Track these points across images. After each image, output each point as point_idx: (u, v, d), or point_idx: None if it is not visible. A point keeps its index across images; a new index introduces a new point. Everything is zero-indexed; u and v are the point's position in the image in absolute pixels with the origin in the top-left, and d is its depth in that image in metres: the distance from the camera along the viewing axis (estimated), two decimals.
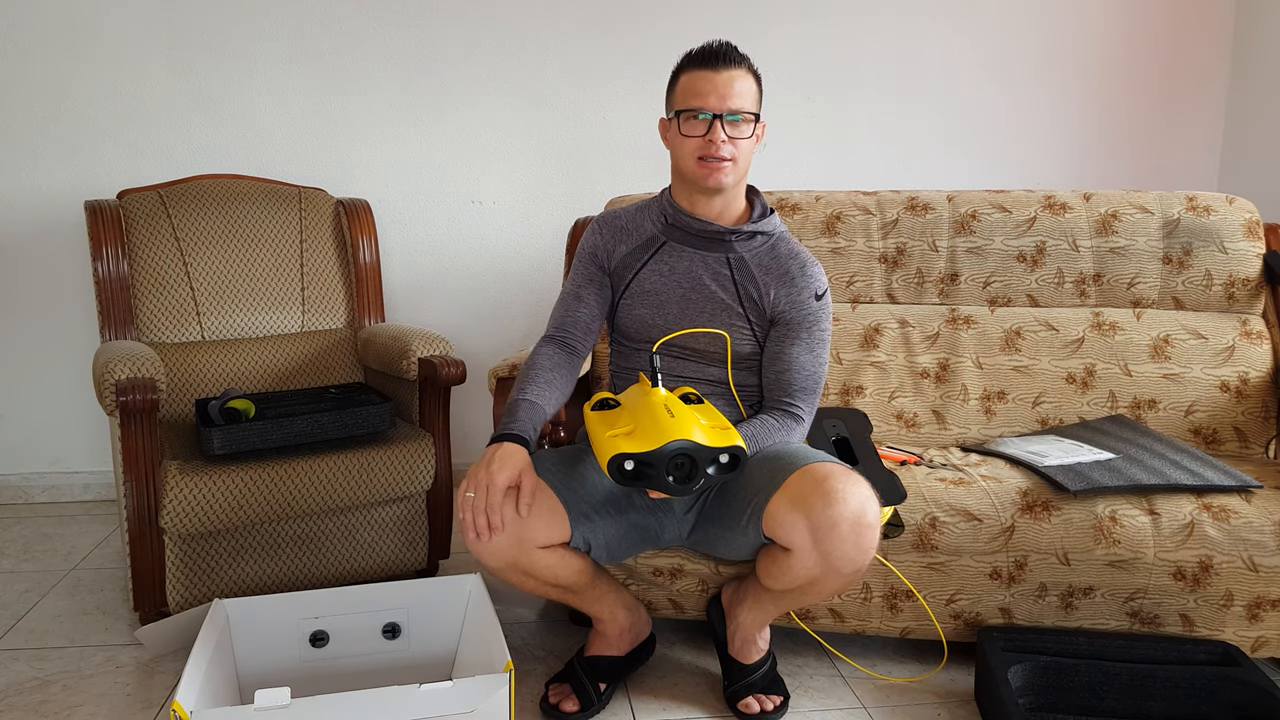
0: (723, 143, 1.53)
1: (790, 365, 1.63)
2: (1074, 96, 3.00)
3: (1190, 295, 2.14)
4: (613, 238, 1.69)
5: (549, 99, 2.81)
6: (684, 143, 1.57)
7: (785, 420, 1.62)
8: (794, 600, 1.56)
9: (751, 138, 1.58)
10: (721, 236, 1.63)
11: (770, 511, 1.47)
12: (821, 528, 1.40)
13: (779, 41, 2.86)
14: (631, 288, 1.67)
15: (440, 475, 2.12)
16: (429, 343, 2.13)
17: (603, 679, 1.69)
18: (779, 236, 1.67)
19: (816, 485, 1.42)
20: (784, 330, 1.63)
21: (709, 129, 1.54)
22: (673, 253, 1.66)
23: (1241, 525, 1.66)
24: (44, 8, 2.58)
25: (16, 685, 1.74)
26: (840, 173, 2.96)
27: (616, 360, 1.76)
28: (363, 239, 2.49)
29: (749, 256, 1.64)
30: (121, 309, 2.23)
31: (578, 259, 1.72)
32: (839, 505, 1.39)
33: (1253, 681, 1.55)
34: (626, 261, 1.68)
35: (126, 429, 1.82)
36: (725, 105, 1.53)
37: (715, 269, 1.64)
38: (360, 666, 1.70)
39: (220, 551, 1.93)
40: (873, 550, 1.43)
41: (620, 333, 1.72)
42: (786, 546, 1.46)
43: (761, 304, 1.63)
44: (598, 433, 1.45)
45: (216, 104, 2.68)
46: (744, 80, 1.55)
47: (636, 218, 1.70)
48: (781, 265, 1.64)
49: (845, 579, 1.46)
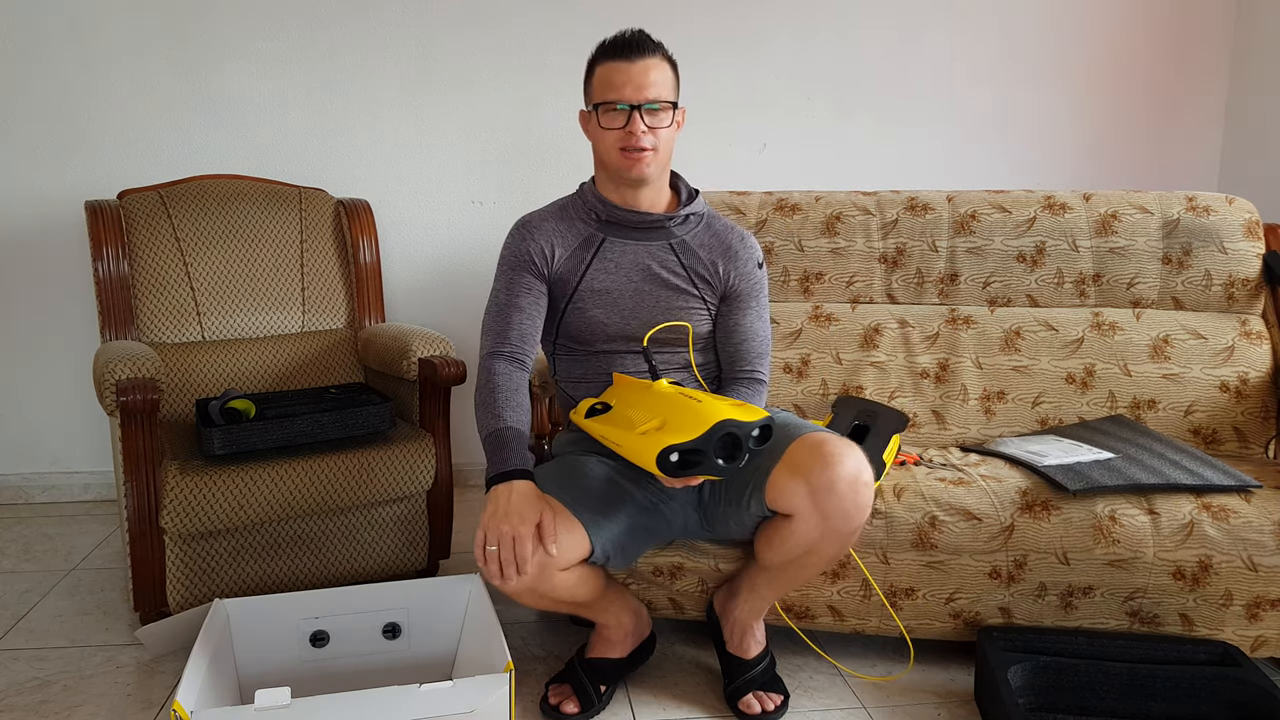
0: (643, 133, 1.55)
1: (747, 335, 1.69)
2: (1074, 96, 3.00)
3: (1190, 295, 2.15)
4: (546, 241, 1.65)
5: (549, 99, 2.81)
6: (604, 135, 1.58)
7: (754, 386, 1.69)
8: (791, 576, 1.57)
9: (671, 125, 1.59)
10: (660, 224, 1.65)
11: (772, 481, 1.50)
12: (821, 488, 1.43)
13: (779, 41, 2.86)
14: (580, 290, 1.65)
15: (440, 475, 2.12)
16: (429, 343, 2.13)
17: (603, 680, 1.69)
18: (710, 215, 1.72)
19: (814, 450, 1.46)
20: (734, 302, 1.69)
21: (628, 120, 1.55)
22: (614, 248, 1.65)
23: (1241, 525, 1.66)
24: (45, 8, 2.58)
25: (16, 685, 1.74)
26: (840, 173, 2.96)
27: (566, 369, 1.72)
28: (363, 239, 2.49)
29: (690, 239, 1.67)
30: (122, 309, 2.23)
31: (507, 267, 1.66)
32: (836, 466, 1.43)
33: (1252, 681, 1.55)
34: (569, 265, 1.65)
35: (127, 429, 1.82)
36: (642, 95, 1.54)
37: (661, 256, 1.65)
38: (360, 666, 1.70)
39: (220, 551, 1.93)
40: (868, 507, 1.46)
41: (569, 337, 1.69)
42: (788, 513, 1.49)
43: (712, 281, 1.67)
44: (618, 435, 1.44)
45: (216, 104, 2.68)
46: (659, 69, 1.56)
47: (563, 218, 1.68)
48: (722, 241, 1.68)
49: (842, 539, 1.48)
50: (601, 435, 1.50)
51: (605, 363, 1.68)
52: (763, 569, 1.61)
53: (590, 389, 1.70)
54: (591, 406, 1.57)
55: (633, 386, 1.57)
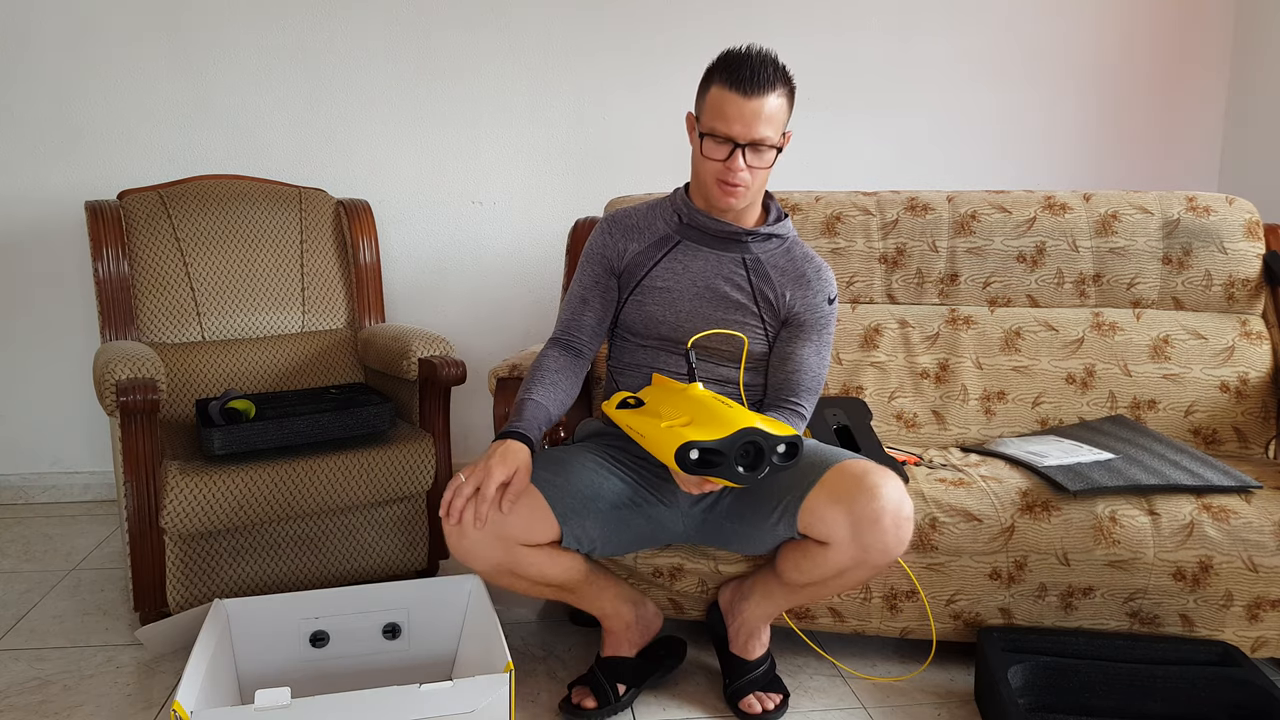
0: (741, 171, 1.53)
1: (800, 366, 1.65)
2: (1074, 96, 3.00)
3: (1190, 295, 2.15)
4: (623, 236, 1.69)
5: (549, 99, 2.81)
6: (705, 160, 1.56)
7: (792, 418, 1.64)
8: (812, 593, 1.58)
9: (772, 165, 1.57)
10: (738, 237, 1.64)
11: (808, 507, 1.49)
12: (864, 520, 1.43)
13: (779, 41, 2.86)
14: (643, 284, 1.67)
15: (440, 475, 2.12)
16: (429, 343, 2.13)
17: (620, 680, 1.69)
18: (793, 240, 1.69)
19: (857, 481, 1.45)
20: (795, 331, 1.66)
21: (729, 155, 1.52)
22: (687, 251, 1.66)
23: (1241, 525, 1.66)
24: (45, 8, 2.58)
25: (16, 685, 1.74)
26: (840, 173, 2.96)
27: (617, 355, 1.75)
28: (363, 239, 2.49)
29: (764, 258, 1.66)
30: (122, 309, 2.23)
31: (585, 260, 1.72)
32: (881, 499, 1.43)
33: (1252, 681, 1.55)
34: (638, 259, 1.68)
35: (127, 429, 1.82)
36: (750, 136, 1.51)
37: (730, 269, 1.65)
38: (360, 666, 1.70)
39: (220, 551, 1.93)
40: (907, 542, 1.46)
41: (625, 328, 1.72)
42: (823, 540, 1.48)
43: (777, 305, 1.65)
44: (645, 426, 1.45)
45: (217, 104, 2.68)
46: (774, 105, 1.50)
47: (648, 216, 1.70)
48: (797, 267, 1.66)
49: (874, 570, 1.49)
50: (627, 425, 1.51)
51: (652, 358, 1.69)
52: (782, 582, 1.61)
53: (634, 380, 1.70)
54: (624, 399, 1.57)
55: (669, 387, 1.57)
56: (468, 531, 1.47)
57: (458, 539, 1.49)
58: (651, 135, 2.86)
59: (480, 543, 1.49)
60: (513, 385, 1.86)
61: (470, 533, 1.48)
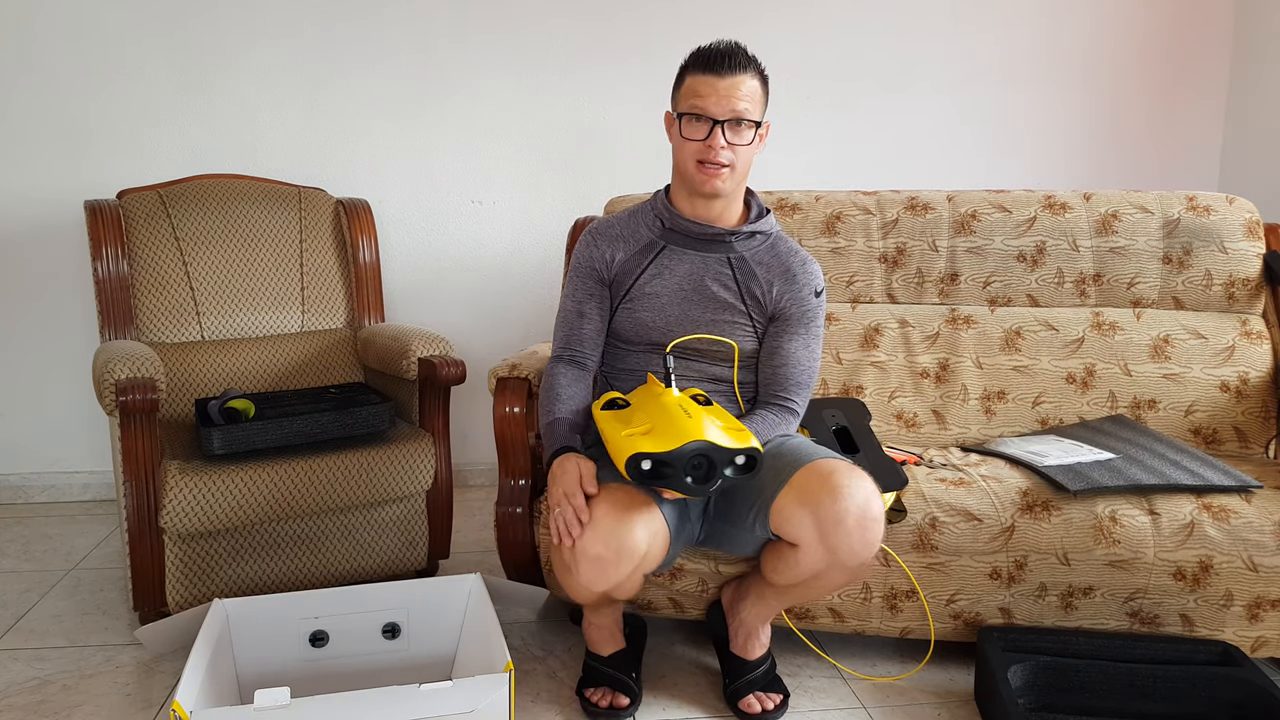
0: (722, 148, 1.54)
1: (787, 360, 1.65)
2: (1074, 96, 3.00)
3: (1190, 295, 2.14)
4: (609, 245, 1.69)
5: (549, 99, 2.81)
6: (684, 144, 1.57)
7: (783, 415, 1.65)
8: (798, 595, 1.57)
9: (753, 143, 1.58)
10: (721, 238, 1.64)
11: (777, 508, 1.48)
12: (828, 522, 1.42)
13: (779, 41, 2.86)
14: (632, 292, 1.67)
15: (440, 475, 2.12)
16: (429, 343, 2.13)
17: (629, 670, 1.70)
18: (777, 235, 1.69)
19: (822, 481, 1.44)
20: (782, 325, 1.66)
21: (709, 134, 1.54)
22: (673, 256, 1.66)
23: (1241, 525, 1.66)
24: (45, 8, 2.58)
25: (16, 685, 1.74)
26: (840, 173, 2.96)
27: (610, 362, 1.76)
28: (363, 239, 2.49)
29: (749, 255, 1.66)
30: (121, 309, 2.23)
31: (575, 274, 1.72)
32: (845, 500, 1.41)
33: (1253, 681, 1.55)
34: (626, 267, 1.68)
35: (126, 429, 1.82)
36: (727, 111, 1.52)
37: (716, 269, 1.65)
38: (360, 666, 1.70)
39: (220, 551, 1.93)
40: (877, 544, 1.44)
41: (616, 335, 1.72)
42: (793, 542, 1.48)
43: (764, 301, 1.65)
44: (611, 432, 1.45)
45: (216, 104, 2.68)
46: (749, 85, 1.54)
47: (631, 224, 1.71)
48: (783, 262, 1.66)
49: (850, 573, 1.47)
50: (600, 429, 1.51)
51: (644, 362, 1.69)
52: (769, 584, 1.61)
53: (625, 385, 1.71)
54: (612, 399, 1.57)
55: (650, 391, 1.57)
56: (588, 550, 1.42)
57: (581, 553, 1.42)
58: (650, 135, 2.86)
59: (612, 568, 1.43)
60: (513, 385, 1.86)
61: (609, 570, 1.43)
